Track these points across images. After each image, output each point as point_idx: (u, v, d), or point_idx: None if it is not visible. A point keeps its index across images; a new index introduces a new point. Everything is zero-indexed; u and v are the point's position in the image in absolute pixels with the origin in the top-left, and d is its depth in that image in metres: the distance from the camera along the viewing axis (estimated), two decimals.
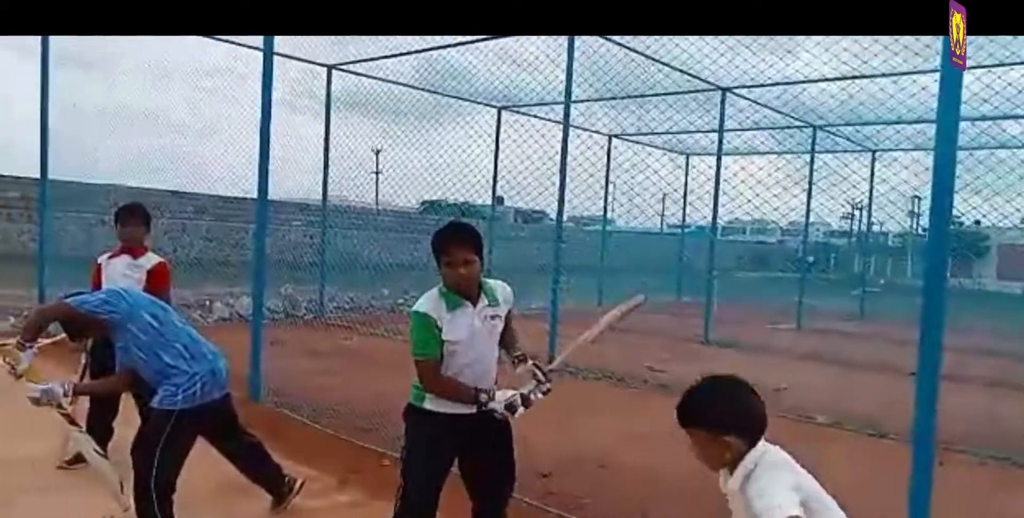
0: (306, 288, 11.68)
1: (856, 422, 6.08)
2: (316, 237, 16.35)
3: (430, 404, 2.68)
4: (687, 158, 16.23)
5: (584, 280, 14.20)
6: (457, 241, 2.66)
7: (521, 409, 2.58)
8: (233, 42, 8.79)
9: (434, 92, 11.57)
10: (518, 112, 12.80)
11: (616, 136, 15.01)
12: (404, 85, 11.14)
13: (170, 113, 10.61)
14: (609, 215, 16.97)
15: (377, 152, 19.11)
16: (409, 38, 8.76)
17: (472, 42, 8.60)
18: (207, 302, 10.34)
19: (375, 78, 10.89)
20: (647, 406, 6.23)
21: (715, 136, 11.65)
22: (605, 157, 14.75)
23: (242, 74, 9.50)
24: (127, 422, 3.76)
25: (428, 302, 2.67)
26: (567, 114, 7.85)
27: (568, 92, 7.83)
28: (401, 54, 9.60)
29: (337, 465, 4.28)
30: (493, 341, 2.76)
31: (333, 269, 11.62)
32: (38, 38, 8.07)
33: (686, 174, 16.09)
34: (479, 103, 12.52)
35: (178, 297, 10.72)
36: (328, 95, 10.88)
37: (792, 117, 12.12)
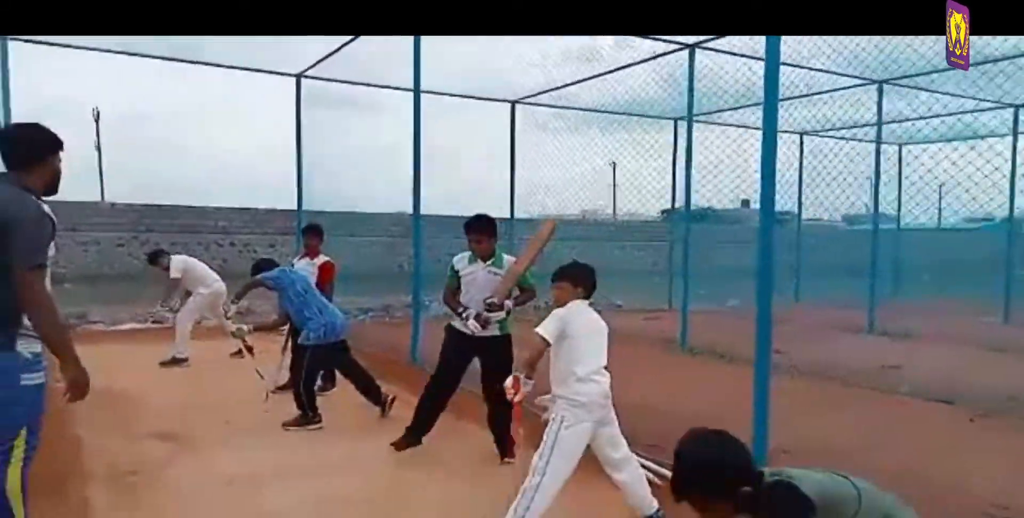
0: None
1: None
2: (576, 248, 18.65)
3: (454, 323, 4.56)
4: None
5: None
6: (476, 227, 4.51)
7: (473, 322, 4.31)
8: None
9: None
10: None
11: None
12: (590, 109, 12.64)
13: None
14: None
15: (614, 165, 20.84)
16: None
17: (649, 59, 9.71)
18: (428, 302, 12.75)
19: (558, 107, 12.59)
20: None
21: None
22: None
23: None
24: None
25: (460, 258, 4.62)
26: None
27: None
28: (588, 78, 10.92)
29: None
30: (488, 286, 4.43)
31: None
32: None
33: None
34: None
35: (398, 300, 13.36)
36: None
37: None
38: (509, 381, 3.31)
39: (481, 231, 4.50)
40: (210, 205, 21.78)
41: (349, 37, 8.58)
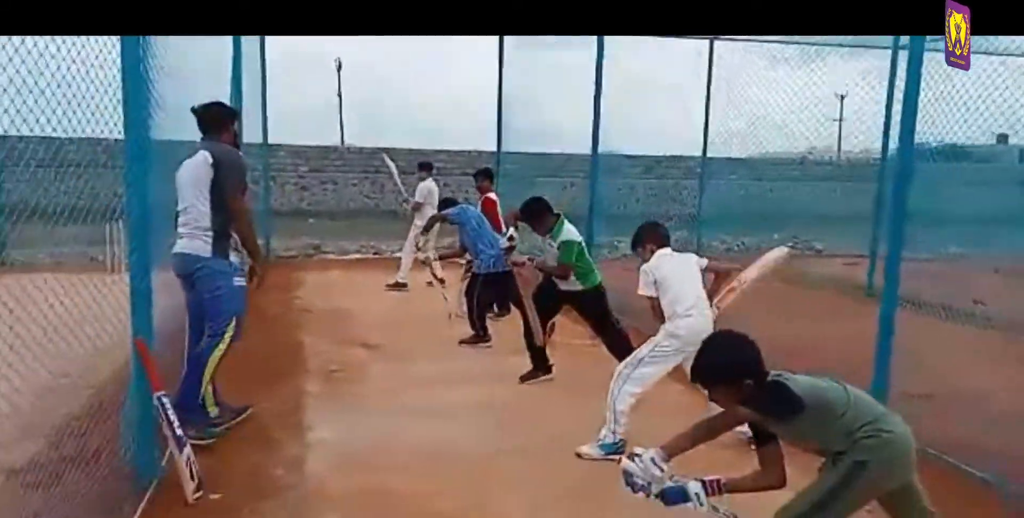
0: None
1: None
2: (745, 190, 18.19)
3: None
4: None
5: None
6: (529, 210, 5.14)
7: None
8: None
9: None
10: None
11: None
12: None
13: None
14: None
15: (842, 97, 19.62)
16: None
17: None
18: (616, 243, 13.23)
19: None
20: None
21: None
22: None
23: None
24: None
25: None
26: None
27: None
28: None
29: None
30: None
31: (730, 217, 13.47)
32: None
33: None
34: None
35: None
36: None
37: None
38: None
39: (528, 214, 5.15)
40: (430, 148, 23.60)
41: None
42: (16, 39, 2.54)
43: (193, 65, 4.78)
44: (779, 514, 2.34)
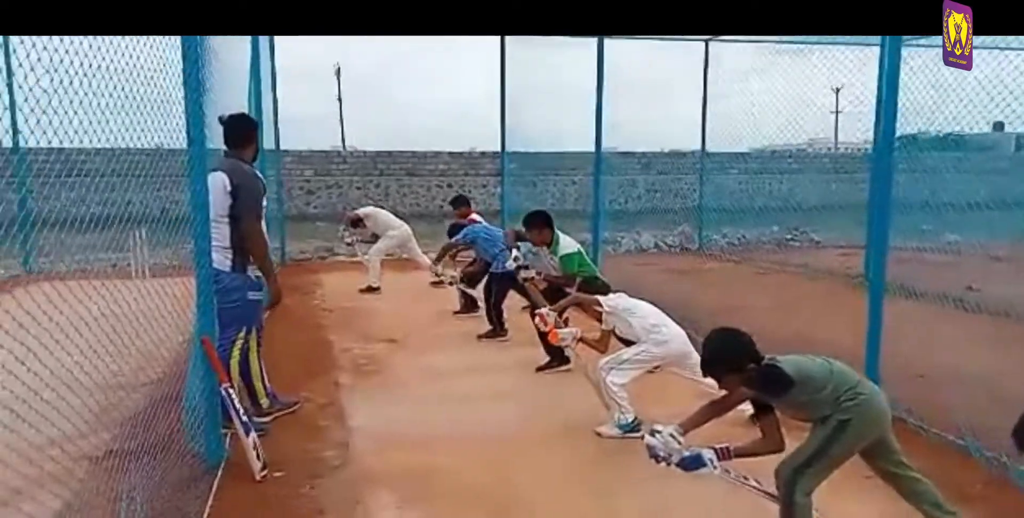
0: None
1: None
2: (746, 183, 18.56)
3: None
4: None
5: None
6: (529, 223, 5.50)
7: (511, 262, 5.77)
8: None
9: None
10: None
11: None
12: None
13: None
14: None
15: (837, 90, 19.91)
16: None
17: None
18: (619, 238, 13.61)
19: None
20: None
21: None
22: None
23: None
24: None
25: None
26: None
27: None
28: None
29: None
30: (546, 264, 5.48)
31: (731, 211, 13.86)
32: None
33: None
34: None
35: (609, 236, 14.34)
36: None
37: None
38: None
39: (534, 225, 5.51)
40: (430, 150, 23.99)
41: None
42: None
43: (219, 74, 5.08)
44: (779, 469, 2.73)
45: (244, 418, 3.54)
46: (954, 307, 7.92)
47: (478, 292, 7.22)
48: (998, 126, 19.62)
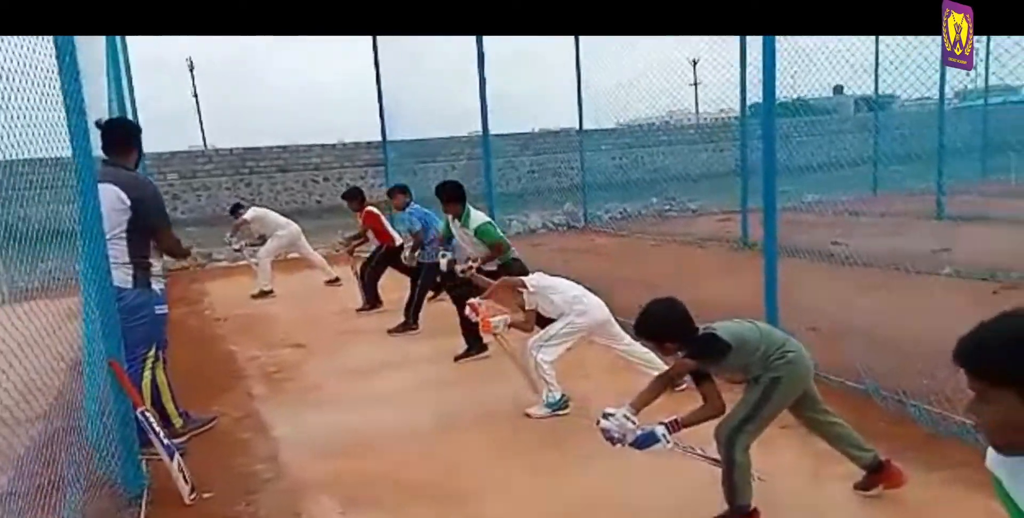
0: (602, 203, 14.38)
1: None
2: (620, 158, 19.09)
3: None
4: None
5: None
6: (441, 194, 5.52)
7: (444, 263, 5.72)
8: None
9: None
10: None
11: None
12: None
13: None
14: None
15: (695, 63, 20.63)
16: None
17: None
18: (508, 221, 13.68)
19: None
20: None
21: None
22: None
23: None
24: None
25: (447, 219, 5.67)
26: None
27: None
28: None
29: None
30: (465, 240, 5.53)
31: (610, 186, 14.26)
32: None
33: None
34: None
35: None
36: None
37: None
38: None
39: (446, 197, 5.54)
40: (301, 143, 23.17)
41: None
42: None
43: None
44: (718, 429, 2.86)
45: (166, 441, 3.31)
46: (826, 261, 8.60)
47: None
48: (838, 90, 21.21)
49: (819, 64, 10.64)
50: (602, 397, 4.36)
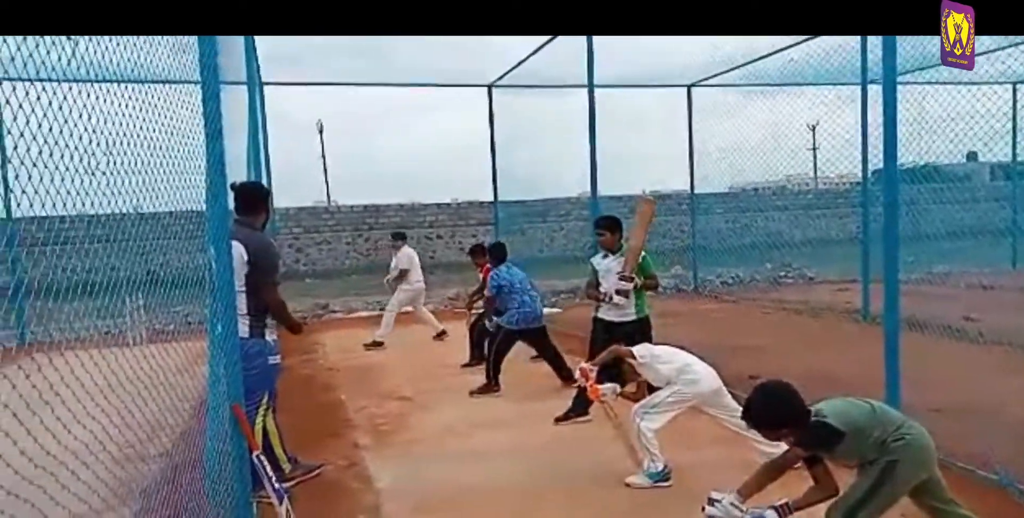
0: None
1: None
2: (732, 222, 18.76)
3: (598, 314, 5.46)
4: None
5: None
6: (600, 226, 5.49)
7: (614, 296, 5.27)
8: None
9: None
10: None
11: None
12: None
13: None
14: None
15: (813, 128, 20.25)
16: None
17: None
18: None
19: None
20: None
21: None
22: None
23: None
24: None
25: (595, 257, 5.60)
26: None
27: None
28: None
29: None
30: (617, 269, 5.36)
31: (722, 251, 14.02)
32: None
33: None
34: None
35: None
36: None
37: None
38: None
39: (604, 227, 5.50)
40: (418, 202, 24.14)
41: (539, 44, 9.79)
42: None
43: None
44: (829, 513, 2.72)
45: (277, 485, 3.47)
46: (956, 338, 8.03)
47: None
48: (972, 156, 20.08)
49: (945, 129, 10.20)
50: (708, 471, 4.24)
